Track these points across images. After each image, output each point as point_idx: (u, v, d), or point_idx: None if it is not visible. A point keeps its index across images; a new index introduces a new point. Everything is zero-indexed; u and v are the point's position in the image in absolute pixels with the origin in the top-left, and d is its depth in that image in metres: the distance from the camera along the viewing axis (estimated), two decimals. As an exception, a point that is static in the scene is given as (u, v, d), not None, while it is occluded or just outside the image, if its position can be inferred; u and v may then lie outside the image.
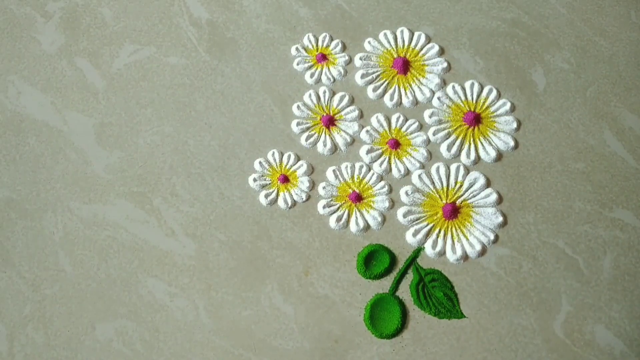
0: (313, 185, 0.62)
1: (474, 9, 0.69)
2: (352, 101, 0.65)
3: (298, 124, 0.64)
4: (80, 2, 0.70)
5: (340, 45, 0.67)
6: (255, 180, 0.62)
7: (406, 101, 0.65)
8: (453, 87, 0.65)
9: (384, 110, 0.65)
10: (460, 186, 0.62)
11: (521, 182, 0.62)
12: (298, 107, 0.65)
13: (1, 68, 0.67)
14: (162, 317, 0.58)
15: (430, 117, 0.64)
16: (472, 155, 0.63)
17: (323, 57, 0.67)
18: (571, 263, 0.59)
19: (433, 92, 0.65)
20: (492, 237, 0.60)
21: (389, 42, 0.68)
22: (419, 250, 0.59)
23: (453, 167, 0.62)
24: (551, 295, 0.58)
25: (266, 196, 0.61)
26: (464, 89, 0.65)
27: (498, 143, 0.63)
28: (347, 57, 0.67)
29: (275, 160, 0.63)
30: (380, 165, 0.63)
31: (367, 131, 0.64)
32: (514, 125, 0.64)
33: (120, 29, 0.69)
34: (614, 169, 0.62)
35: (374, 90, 0.65)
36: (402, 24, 0.68)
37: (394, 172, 0.62)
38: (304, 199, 0.62)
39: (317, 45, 0.68)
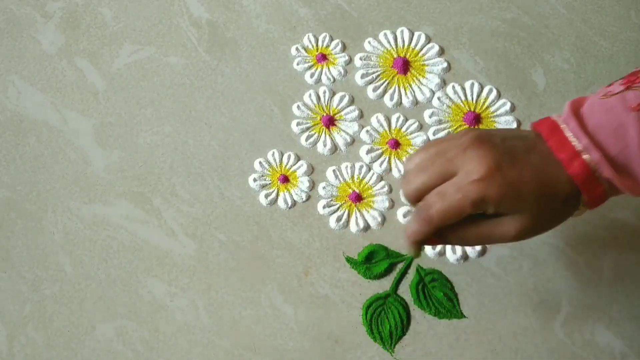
0: (313, 185, 0.62)
1: (474, 9, 0.69)
2: (352, 101, 0.65)
3: (298, 124, 0.64)
4: (80, 2, 0.70)
5: (340, 45, 0.67)
6: (255, 180, 0.62)
7: (406, 101, 0.65)
8: (453, 87, 0.66)
9: (384, 110, 0.65)
10: (460, 186, 0.61)
11: (521, 182, 0.62)
12: (298, 107, 0.65)
13: (1, 68, 0.67)
14: (162, 317, 0.58)
15: (430, 117, 0.64)
16: (472, 155, 0.63)
17: (323, 57, 0.67)
18: (571, 263, 0.59)
19: (433, 92, 0.65)
20: (492, 237, 0.60)
21: (389, 42, 0.68)
22: (419, 250, 0.59)
23: (453, 167, 0.62)
24: (551, 295, 0.58)
25: (266, 196, 0.61)
26: (464, 89, 0.66)
27: (498, 143, 0.63)
28: (347, 57, 0.67)
29: (275, 160, 0.63)
30: (380, 165, 0.63)
31: (367, 131, 0.64)
32: (514, 125, 0.64)
33: (120, 29, 0.69)
34: (614, 169, 0.62)
35: (374, 90, 0.66)
36: (402, 24, 0.69)
37: (394, 172, 0.62)
38: (304, 199, 0.62)
39: (317, 45, 0.68)
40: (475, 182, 0.45)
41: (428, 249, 0.59)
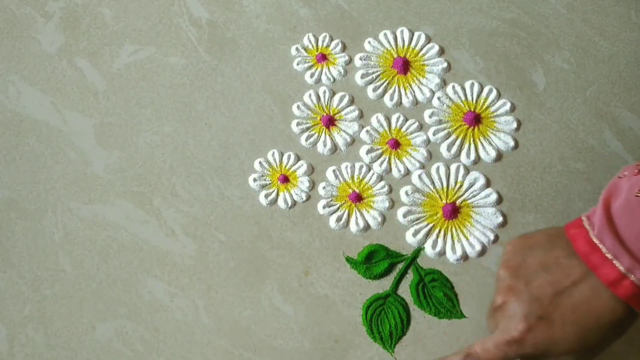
0: (313, 185, 0.62)
1: (474, 9, 0.69)
2: (352, 101, 0.65)
3: (298, 124, 0.64)
4: (80, 2, 0.70)
5: (340, 45, 0.67)
6: (255, 180, 0.62)
7: (406, 101, 0.65)
8: (453, 87, 0.65)
9: (384, 110, 0.65)
10: (460, 186, 0.62)
11: (521, 182, 0.62)
12: (298, 107, 0.65)
13: (1, 68, 0.67)
14: (162, 317, 0.58)
15: (430, 117, 0.64)
16: (472, 155, 0.63)
17: (323, 57, 0.67)
18: (571, 263, 0.59)
19: (433, 92, 0.65)
20: (492, 237, 0.60)
21: (389, 42, 0.68)
22: (419, 250, 0.59)
23: (453, 167, 0.62)
24: (551, 295, 0.58)
25: (266, 196, 0.61)
26: (464, 89, 0.66)
27: (498, 143, 0.63)
28: (347, 57, 0.67)
29: (275, 160, 0.63)
30: (380, 165, 0.63)
31: (367, 131, 0.64)
32: (514, 125, 0.64)
33: (120, 29, 0.69)
34: (614, 169, 0.62)
35: (374, 90, 0.65)
36: (402, 24, 0.68)
37: (394, 172, 0.62)
38: (304, 199, 0.62)
39: (317, 45, 0.68)
40: (509, 342, 0.47)
41: (428, 249, 0.59)
